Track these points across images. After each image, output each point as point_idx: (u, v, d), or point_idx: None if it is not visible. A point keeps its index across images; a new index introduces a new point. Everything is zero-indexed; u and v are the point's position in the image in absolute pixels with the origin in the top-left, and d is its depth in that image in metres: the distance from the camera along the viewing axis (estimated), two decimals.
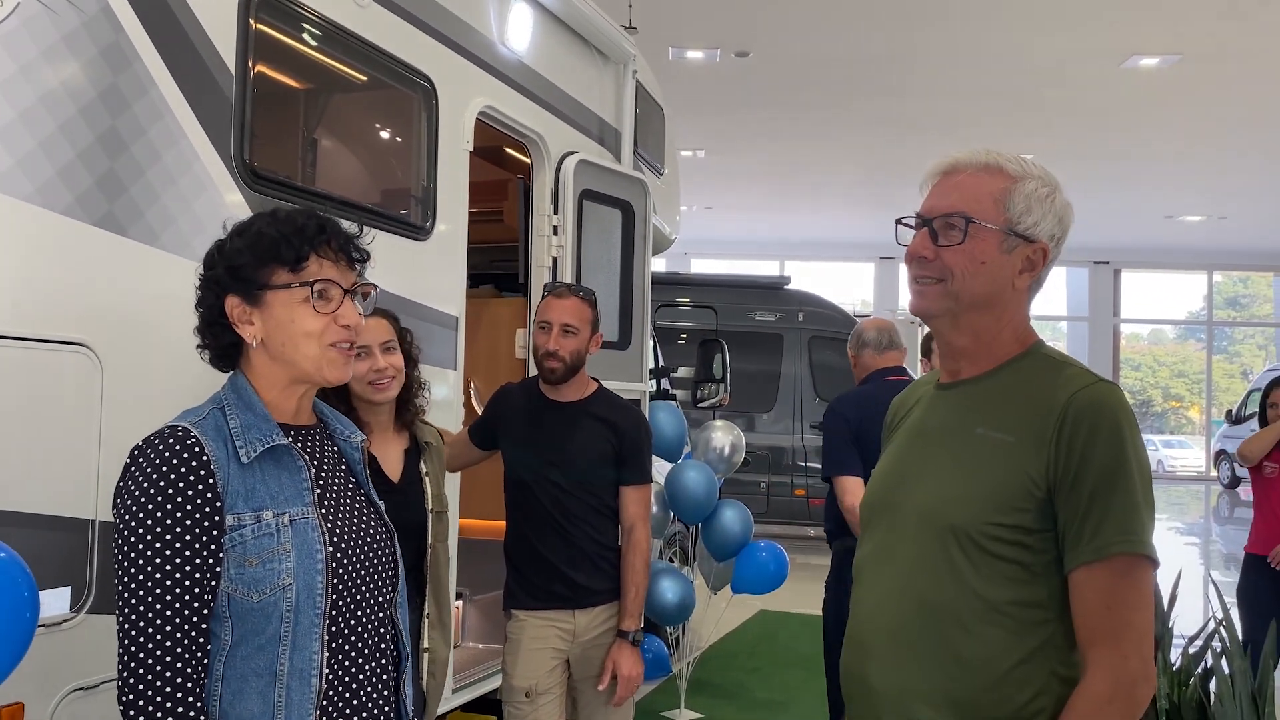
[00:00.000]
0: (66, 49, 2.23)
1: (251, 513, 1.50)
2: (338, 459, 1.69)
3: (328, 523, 1.57)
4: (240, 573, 1.48)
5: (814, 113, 12.49)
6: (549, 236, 4.19)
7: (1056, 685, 1.50)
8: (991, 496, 1.53)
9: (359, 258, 1.63)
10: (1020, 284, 1.62)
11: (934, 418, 1.70)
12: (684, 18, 9.62)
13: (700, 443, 5.36)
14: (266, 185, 2.79)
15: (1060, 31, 9.65)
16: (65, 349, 2.23)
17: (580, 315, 3.12)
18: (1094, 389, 1.54)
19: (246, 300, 1.56)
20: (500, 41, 3.91)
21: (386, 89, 3.42)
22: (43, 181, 2.18)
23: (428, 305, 3.50)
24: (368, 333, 2.56)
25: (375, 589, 1.63)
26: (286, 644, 1.49)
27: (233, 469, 1.50)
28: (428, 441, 2.80)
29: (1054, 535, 1.52)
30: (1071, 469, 1.49)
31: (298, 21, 2.92)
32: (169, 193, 2.47)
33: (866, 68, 10.83)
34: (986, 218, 1.59)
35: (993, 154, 1.63)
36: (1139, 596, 1.48)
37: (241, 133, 2.69)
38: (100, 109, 2.31)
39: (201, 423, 1.52)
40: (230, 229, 1.63)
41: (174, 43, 2.49)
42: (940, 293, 1.61)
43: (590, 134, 4.61)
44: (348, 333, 1.58)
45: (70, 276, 2.25)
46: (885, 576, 1.64)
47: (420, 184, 3.49)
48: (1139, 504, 1.49)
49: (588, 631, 3.10)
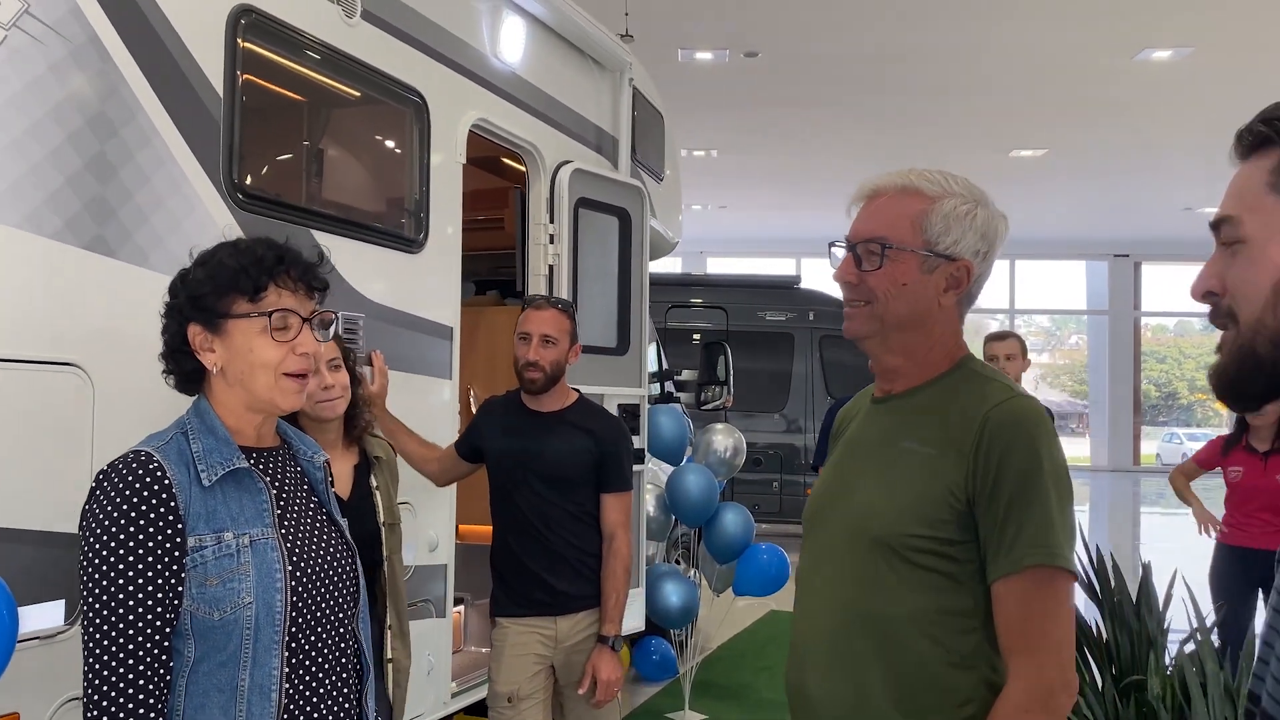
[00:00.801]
0: (54, 78, 2.29)
1: (213, 534, 1.55)
2: (300, 479, 1.74)
3: (287, 542, 1.62)
4: (202, 592, 1.53)
5: (825, 111, 12.48)
6: (545, 245, 4.24)
7: (986, 693, 1.54)
8: (914, 508, 1.57)
9: (318, 286, 1.69)
10: (946, 302, 1.65)
11: (867, 431, 1.75)
12: (692, 19, 9.65)
13: (701, 445, 5.40)
14: (256, 204, 2.85)
15: (1072, 25, 9.60)
16: (57, 369, 2.30)
17: (559, 326, 3.19)
18: (1011, 403, 1.58)
19: (208, 328, 1.62)
20: (493, 54, 3.96)
21: (377, 105, 3.48)
22: (32, 208, 2.25)
23: (422, 316, 3.56)
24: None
25: (336, 605, 1.68)
26: (247, 660, 1.54)
27: (194, 492, 1.56)
28: (378, 455, 2.84)
29: (976, 545, 1.55)
30: (989, 482, 1.53)
31: (284, 41, 2.98)
32: (158, 215, 2.53)
33: (876, 65, 10.81)
34: (904, 241, 1.63)
35: (913, 175, 1.66)
36: (1056, 607, 1.52)
37: (230, 153, 2.75)
38: (88, 135, 2.37)
39: (164, 447, 1.58)
40: (195, 258, 1.68)
41: (161, 69, 2.55)
42: (867, 315, 1.66)
43: (587, 142, 4.66)
44: (306, 360, 1.64)
45: (61, 299, 2.32)
46: (820, 587, 1.68)
47: (413, 197, 3.55)
48: (1054, 516, 1.52)
49: (570, 637, 3.16)
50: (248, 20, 2.80)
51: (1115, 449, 22.09)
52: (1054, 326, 34.58)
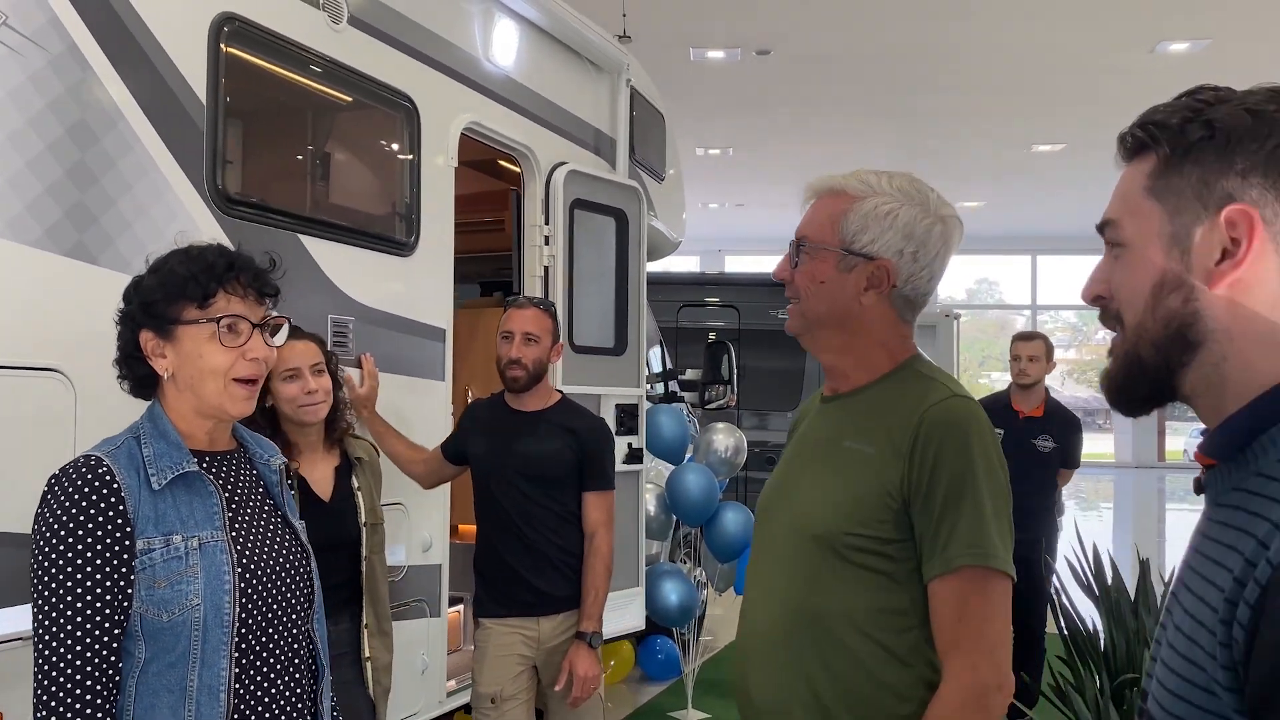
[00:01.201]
0: (33, 88, 2.33)
1: (161, 537, 1.58)
2: (255, 482, 1.77)
3: (237, 545, 1.65)
4: (150, 594, 1.56)
5: (839, 108, 12.44)
6: (540, 246, 4.26)
7: (925, 692, 1.54)
8: (852, 507, 1.58)
9: (269, 293, 1.71)
10: (867, 301, 1.65)
11: (814, 430, 1.77)
12: (703, 18, 9.64)
13: (702, 445, 5.41)
14: (241, 209, 2.88)
15: (1087, 20, 9.52)
16: (39, 374, 2.34)
17: (540, 325, 3.22)
18: (947, 404, 1.58)
19: (159, 335, 1.65)
20: (485, 58, 3.98)
21: (366, 109, 3.51)
22: (11, 216, 2.29)
23: (413, 319, 3.59)
24: (297, 356, 2.66)
25: (288, 606, 1.70)
26: (195, 661, 1.57)
27: (143, 495, 1.58)
28: (359, 456, 2.87)
29: (913, 545, 1.56)
30: (924, 482, 1.54)
31: (269, 48, 3.01)
32: (140, 221, 2.57)
33: (889, 62, 10.76)
34: (822, 239, 1.66)
35: (845, 177, 1.68)
36: (990, 607, 1.52)
37: (214, 160, 2.78)
38: (68, 144, 2.41)
39: (115, 451, 1.61)
40: (148, 265, 1.71)
41: (142, 77, 2.59)
42: (795, 312, 1.70)
43: (584, 143, 4.67)
44: (256, 366, 1.66)
45: (42, 305, 2.36)
46: (763, 583, 1.70)
47: (403, 201, 3.57)
48: (986, 517, 1.53)
49: (553, 638, 3.18)
50: (231, 28, 2.83)
51: (1140, 445, 21.88)
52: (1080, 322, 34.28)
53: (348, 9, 3.26)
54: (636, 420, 4.66)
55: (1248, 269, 0.88)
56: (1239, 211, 0.88)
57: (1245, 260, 0.88)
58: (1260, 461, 0.87)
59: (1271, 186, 0.88)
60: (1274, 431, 0.87)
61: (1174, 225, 0.92)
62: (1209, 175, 0.90)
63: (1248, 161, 0.88)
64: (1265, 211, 0.88)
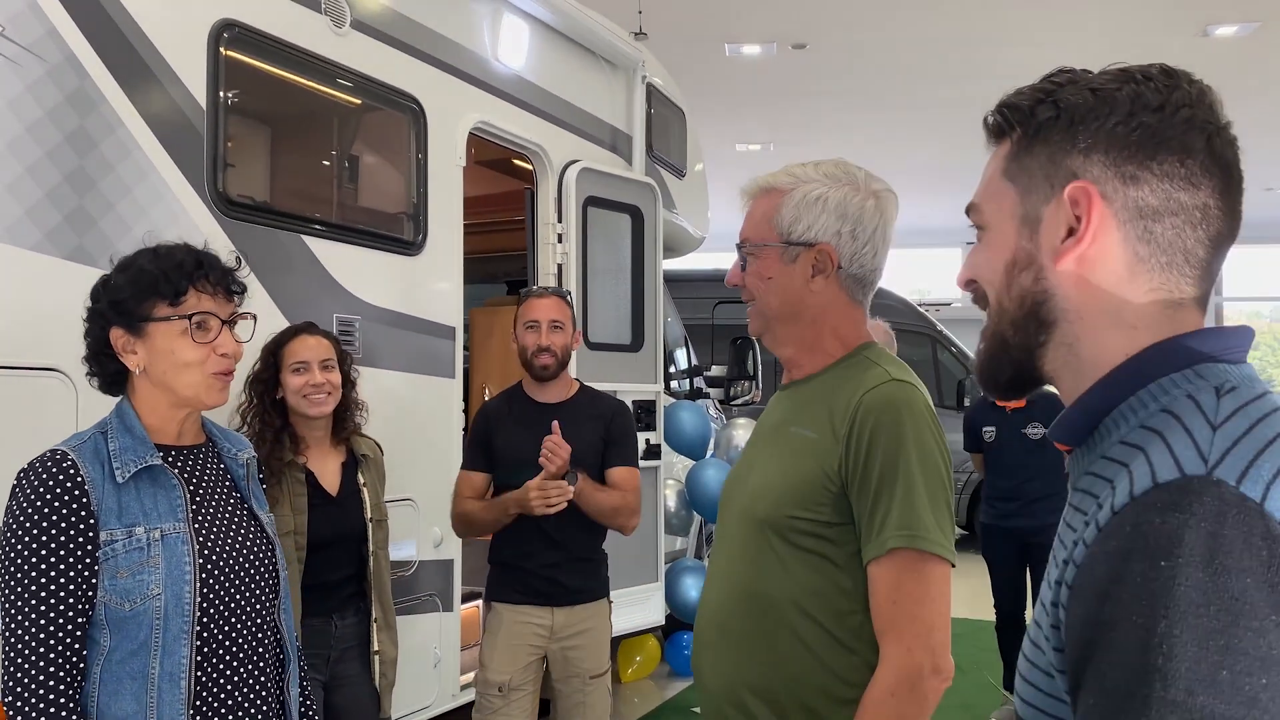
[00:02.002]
0: (31, 98, 2.41)
1: (124, 529, 1.63)
2: (222, 475, 1.81)
3: (200, 537, 1.70)
4: (113, 584, 1.61)
5: (877, 100, 12.33)
6: (553, 244, 4.29)
7: (869, 674, 1.54)
8: (794, 491, 1.59)
9: (237, 290, 1.76)
10: (816, 287, 1.66)
11: (770, 417, 1.79)
12: (737, 13, 9.61)
13: (723, 441, 5.40)
14: (242, 211, 2.95)
15: (1132, 4, 9.33)
16: (41, 374, 2.42)
17: (563, 312, 3.22)
18: (883, 389, 1.58)
19: (130, 332, 1.70)
20: (494, 57, 4.02)
21: (370, 111, 3.56)
22: (11, 221, 2.37)
23: (422, 318, 3.64)
24: (308, 350, 2.71)
25: (252, 597, 1.75)
26: (157, 649, 1.62)
27: (107, 488, 1.64)
28: (364, 454, 2.91)
29: (853, 528, 1.57)
30: (859, 466, 1.55)
31: (269, 53, 3.07)
32: (141, 224, 2.64)
33: (927, 52, 10.64)
34: (760, 237, 1.67)
35: (774, 174, 1.69)
36: (924, 591, 1.52)
37: (214, 163, 2.85)
38: (67, 150, 2.49)
39: (80, 446, 1.66)
40: (115, 265, 1.76)
41: (141, 84, 2.66)
42: (753, 313, 1.71)
43: (599, 141, 4.69)
44: (226, 361, 1.72)
45: (43, 307, 2.43)
46: (718, 569, 1.72)
47: (410, 201, 3.62)
48: (920, 500, 1.52)
49: (566, 629, 3.16)
50: (230, 34, 2.90)
51: None
52: None
53: (350, 13, 3.31)
54: (654, 416, 4.67)
55: (1090, 246, 0.88)
56: (1079, 189, 0.88)
57: (1086, 236, 0.87)
58: (1103, 444, 0.87)
59: (1112, 164, 0.87)
60: (1116, 414, 0.87)
61: (1025, 206, 0.92)
62: (1056, 154, 0.90)
63: (1090, 140, 0.88)
64: (1106, 188, 0.87)
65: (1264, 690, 0.68)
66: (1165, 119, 0.86)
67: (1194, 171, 0.86)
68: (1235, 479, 0.73)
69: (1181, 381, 0.84)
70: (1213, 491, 0.73)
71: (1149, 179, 0.86)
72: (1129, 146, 0.87)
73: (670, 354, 5.68)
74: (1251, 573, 0.70)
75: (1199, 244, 0.87)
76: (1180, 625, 0.69)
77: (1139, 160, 0.86)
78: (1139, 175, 0.86)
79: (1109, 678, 0.72)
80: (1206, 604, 0.69)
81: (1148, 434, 0.81)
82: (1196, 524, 0.71)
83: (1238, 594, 0.69)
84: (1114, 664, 0.72)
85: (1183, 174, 0.86)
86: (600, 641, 3.25)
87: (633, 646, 5.65)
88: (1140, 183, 0.86)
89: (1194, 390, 0.82)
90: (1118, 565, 0.74)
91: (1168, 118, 0.86)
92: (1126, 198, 0.87)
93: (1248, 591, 0.69)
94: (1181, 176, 0.86)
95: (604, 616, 3.29)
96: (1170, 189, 0.86)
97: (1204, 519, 0.72)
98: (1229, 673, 0.68)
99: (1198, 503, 0.72)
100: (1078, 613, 0.77)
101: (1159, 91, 0.87)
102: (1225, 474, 0.74)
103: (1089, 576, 0.77)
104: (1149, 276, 0.87)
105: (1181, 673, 0.69)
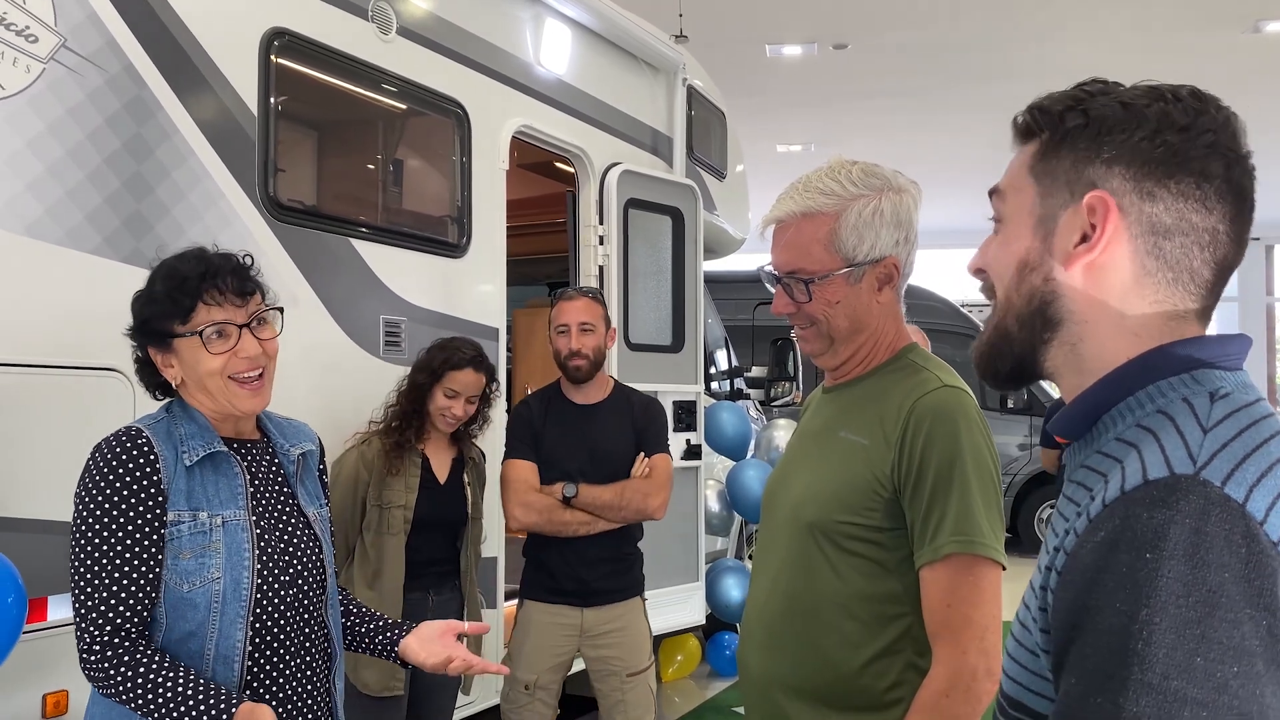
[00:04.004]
0: (91, 105, 2.49)
1: (190, 511, 1.69)
2: (276, 472, 1.86)
3: (258, 528, 1.75)
4: (175, 564, 1.67)
5: (919, 100, 12.24)
6: (595, 246, 4.33)
7: (914, 677, 1.56)
8: (844, 496, 1.60)
9: (249, 291, 1.77)
10: (883, 299, 1.67)
11: (814, 420, 1.80)
12: (778, 14, 9.60)
13: (763, 441, 5.41)
14: (291, 215, 3.02)
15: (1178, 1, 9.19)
16: (99, 374, 2.49)
17: (593, 313, 3.25)
18: (937, 394, 1.59)
19: (160, 349, 1.76)
20: (536, 62, 4.07)
21: (416, 116, 3.62)
22: (72, 225, 2.45)
23: (466, 319, 3.69)
24: (466, 385, 3.01)
25: (302, 592, 1.79)
26: (214, 631, 1.68)
27: (178, 470, 1.69)
28: (472, 456, 3.16)
29: (905, 533, 1.58)
30: (913, 472, 1.56)
31: (318, 60, 3.14)
32: (195, 228, 2.71)
33: (968, 52, 10.56)
34: (822, 267, 1.63)
35: (808, 195, 1.64)
36: (978, 594, 1.53)
37: (265, 168, 2.92)
38: (125, 157, 2.56)
39: (154, 425, 1.72)
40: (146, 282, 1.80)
41: (196, 92, 2.73)
42: (814, 335, 1.69)
43: (640, 143, 4.73)
44: (250, 363, 1.74)
45: (101, 309, 2.48)
46: (764, 570, 1.73)
47: (455, 204, 3.68)
48: (975, 505, 1.53)
49: (597, 628, 3.20)
50: (281, 41, 2.97)
51: None
52: None
53: (397, 20, 3.37)
54: (695, 417, 4.70)
55: (1101, 254, 0.90)
56: (1098, 198, 0.90)
57: (1098, 245, 0.90)
58: (1102, 439, 0.91)
59: (1132, 177, 0.89)
60: (1114, 412, 0.90)
61: (1044, 207, 0.95)
62: (1079, 162, 0.92)
63: (1114, 151, 0.90)
64: (1123, 200, 0.89)
65: (1235, 678, 0.72)
66: (1189, 140, 0.89)
67: (1209, 195, 0.89)
68: (1221, 480, 0.77)
69: (1178, 385, 0.87)
70: (1199, 491, 0.77)
71: (1165, 197, 0.89)
72: (1150, 163, 0.89)
73: (710, 355, 5.70)
74: (1230, 568, 0.74)
75: (1205, 265, 0.90)
76: (1161, 614, 0.74)
77: (1158, 177, 0.89)
78: (1156, 192, 0.89)
79: (1090, 659, 0.77)
80: (1186, 595, 0.73)
81: (1142, 433, 0.85)
82: (1181, 520, 0.75)
83: (1215, 587, 0.73)
84: (1096, 646, 0.76)
85: (1198, 196, 0.88)
86: (635, 640, 3.26)
87: (673, 646, 5.67)
88: (1156, 199, 0.89)
89: (1189, 394, 0.86)
90: (1105, 555, 0.78)
91: (1192, 139, 0.89)
92: (1141, 212, 0.89)
93: (1225, 585, 0.74)
94: (1197, 198, 0.88)
95: (638, 614, 3.30)
96: (1184, 209, 0.89)
97: (1189, 516, 0.76)
98: (1203, 660, 0.72)
99: (1184, 500, 0.76)
100: (1064, 597, 0.81)
101: (1187, 113, 0.89)
102: (1212, 475, 0.78)
103: (1077, 564, 0.81)
104: (1154, 290, 0.90)
105: (1159, 658, 0.73)
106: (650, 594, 3.44)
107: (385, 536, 2.93)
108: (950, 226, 19.43)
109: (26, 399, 2.35)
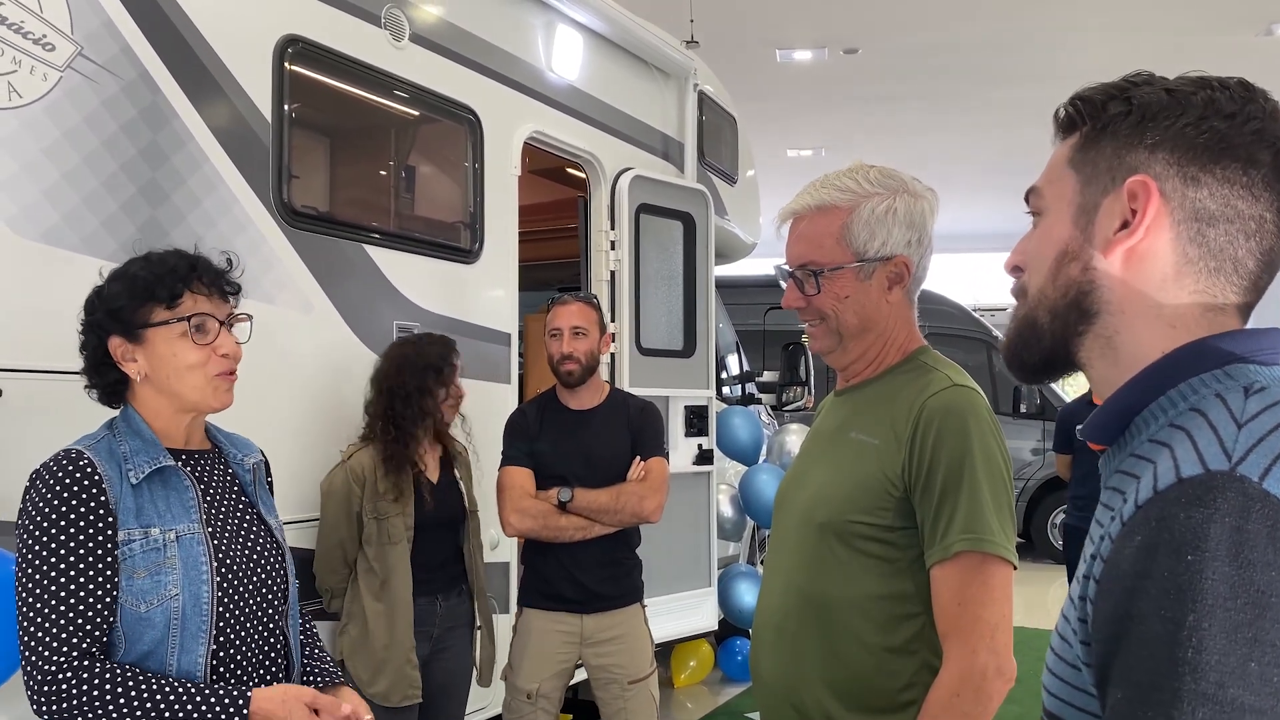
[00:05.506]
0: (107, 113, 2.51)
1: (140, 529, 1.63)
2: (230, 481, 1.82)
3: (214, 539, 1.70)
4: (130, 584, 1.61)
5: (929, 104, 12.23)
6: (606, 251, 4.34)
7: (929, 678, 1.55)
8: (855, 496, 1.61)
9: (231, 290, 1.77)
10: (893, 299, 1.68)
11: (827, 421, 1.80)
12: (788, 19, 9.61)
13: (776, 446, 5.40)
14: (305, 221, 3.03)
15: (1193, 3, 9.17)
16: None
17: (586, 318, 3.23)
18: (946, 394, 1.59)
19: (128, 339, 1.70)
20: (548, 68, 4.08)
21: (428, 122, 3.63)
22: (88, 232, 2.46)
23: (479, 324, 3.70)
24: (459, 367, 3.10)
25: (264, 601, 1.75)
26: (175, 648, 1.63)
27: (124, 488, 1.64)
28: (457, 451, 3.18)
29: (916, 533, 1.58)
30: (923, 471, 1.56)
31: (331, 67, 3.15)
32: (210, 235, 2.72)
33: (979, 55, 10.55)
34: (832, 260, 1.65)
35: (825, 189, 1.66)
36: (988, 593, 1.53)
37: (279, 175, 2.93)
38: (140, 164, 2.58)
39: (95, 445, 1.67)
40: (107, 276, 1.77)
41: (210, 99, 2.75)
42: (824, 331, 1.70)
43: (651, 149, 4.73)
44: (227, 361, 1.72)
45: None
46: (776, 571, 1.73)
47: (467, 210, 3.69)
48: (985, 504, 1.53)
49: (597, 635, 3.17)
50: (294, 49, 2.98)
51: None
52: None
53: (409, 27, 3.39)
54: (706, 421, 4.70)
55: (1142, 240, 0.88)
56: (1139, 182, 0.88)
57: (1138, 229, 0.88)
58: (1134, 442, 0.88)
59: (1176, 163, 0.88)
60: (1146, 413, 0.88)
61: (1084, 196, 0.93)
62: (1122, 149, 0.91)
63: (1158, 137, 0.89)
64: (1165, 185, 0.88)
65: None
66: (1236, 127, 0.87)
67: (1256, 183, 0.87)
68: (1259, 475, 0.74)
69: (1211, 381, 0.85)
70: (1236, 487, 0.74)
71: (1210, 182, 0.87)
72: (1195, 148, 0.87)
73: (722, 360, 5.70)
74: (1276, 567, 0.71)
75: (1250, 254, 0.88)
76: (1209, 618, 0.70)
77: (1202, 163, 0.87)
78: (1200, 178, 0.87)
79: (1137, 671, 0.73)
80: (1234, 597, 0.70)
81: (1175, 431, 0.82)
82: (1221, 519, 0.72)
83: (1264, 587, 0.70)
84: (1143, 657, 0.73)
85: (1244, 182, 0.86)
86: (636, 647, 3.23)
87: (686, 651, 5.66)
88: (1201, 185, 0.87)
89: (1222, 389, 0.83)
90: (1144, 559, 0.75)
91: (1238, 126, 0.87)
92: (1185, 198, 0.87)
93: (1274, 585, 0.70)
94: (1243, 185, 0.86)
95: (638, 621, 3.26)
96: (1230, 195, 0.86)
97: (1228, 514, 0.72)
98: (1257, 664, 0.69)
99: (1221, 498, 0.73)
100: (1104, 607, 0.78)
101: (1234, 100, 0.88)
102: (1249, 470, 0.74)
103: (1115, 571, 0.78)
104: (1195, 279, 0.88)
105: (1212, 665, 0.69)
106: (663, 599, 3.44)
107: (388, 547, 2.90)
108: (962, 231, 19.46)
109: (42, 404, 2.36)
